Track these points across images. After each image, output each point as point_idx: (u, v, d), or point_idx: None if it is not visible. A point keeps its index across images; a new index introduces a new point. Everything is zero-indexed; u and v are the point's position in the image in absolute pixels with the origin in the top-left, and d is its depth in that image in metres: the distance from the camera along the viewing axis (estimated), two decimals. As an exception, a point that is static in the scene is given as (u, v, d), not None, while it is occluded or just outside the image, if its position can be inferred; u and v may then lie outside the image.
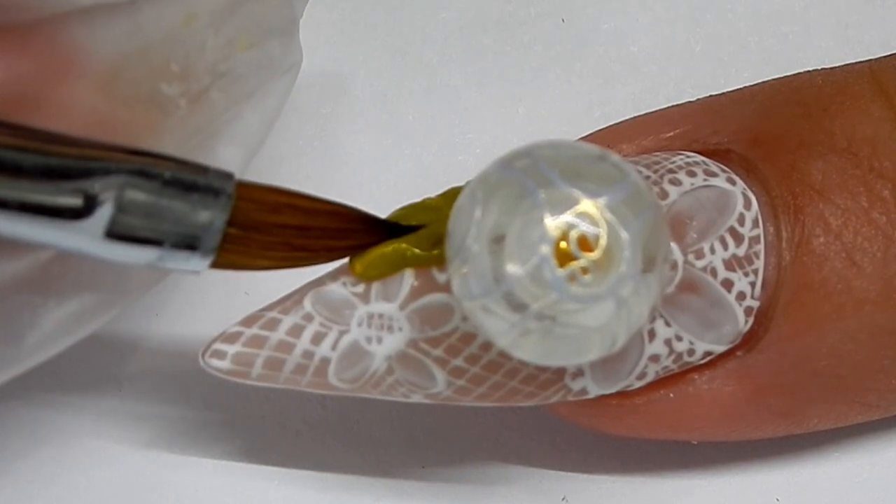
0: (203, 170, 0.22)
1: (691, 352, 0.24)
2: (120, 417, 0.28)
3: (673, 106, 0.27)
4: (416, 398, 0.23)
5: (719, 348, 0.24)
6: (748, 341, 0.24)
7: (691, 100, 0.27)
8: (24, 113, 0.21)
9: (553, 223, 0.21)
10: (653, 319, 0.23)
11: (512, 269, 0.21)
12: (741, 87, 0.27)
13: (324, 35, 0.31)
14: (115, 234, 0.21)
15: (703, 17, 0.31)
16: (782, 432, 0.25)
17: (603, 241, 0.20)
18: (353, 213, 0.23)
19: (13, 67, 0.21)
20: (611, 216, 0.21)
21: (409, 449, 0.28)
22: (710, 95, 0.27)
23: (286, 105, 0.26)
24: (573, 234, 0.20)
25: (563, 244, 0.20)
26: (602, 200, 0.21)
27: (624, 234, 0.20)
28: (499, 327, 0.21)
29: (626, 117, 0.27)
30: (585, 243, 0.20)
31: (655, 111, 0.27)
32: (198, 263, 0.22)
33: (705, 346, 0.24)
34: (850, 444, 0.27)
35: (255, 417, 0.28)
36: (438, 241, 0.23)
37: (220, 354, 0.23)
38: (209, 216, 0.21)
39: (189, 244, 0.21)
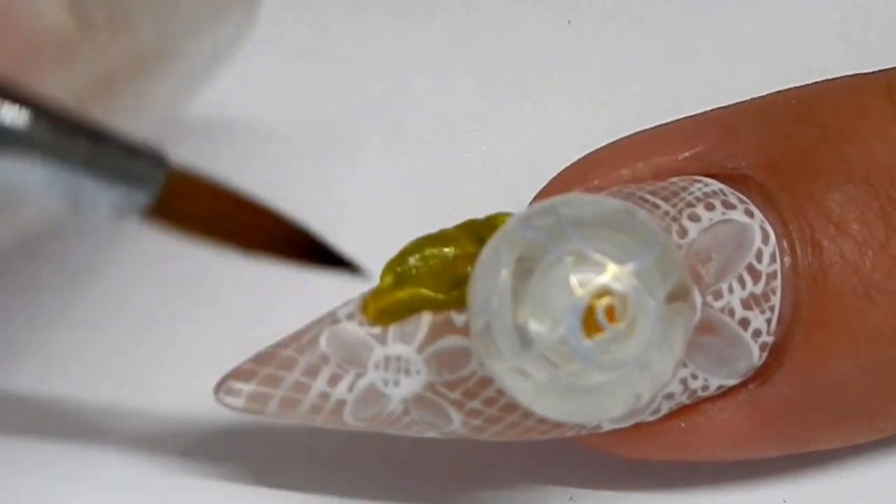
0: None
1: (705, 387, 0.24)
2: (120, 418, 0.28)
3: (685, 118, 0.26)
4: (431, 435, 0.23)
5: (732, 382, 0.24)
6: (761, 374, 0.24)
7: (704, 111, 0.26)
8: None
9: (580, 291, 0.20)
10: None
11: (536, 329, 0.21)
12: (754, 97, 0.26)
13: (324, 35, 0.30)
14: None
15: (708, 18, 0.30)
16: (788, 452, 0.26)
17: (630, 312, 0.20)
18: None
19: None
20: (637, 283, 0.20)
21: (409, 447, 0.28)
22: (724, 107, 0.26)
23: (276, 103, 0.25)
24: (600, 304, 0.20)
25: (588, 311, 0.20)
26: (629, 267, 0.20)
27: (650, 303, 0.20)
28: (523, 388, 0.21)
29: (632, 117, 0.26)
30: (612, 313, 0.20)
31: (667, 124, 0.26)
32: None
33: (719, 381, 0.24)
34: (858, 446, 0.27)
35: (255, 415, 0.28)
36: (456, 283, 0.22)
37: (235, 392, 0.23)
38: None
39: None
